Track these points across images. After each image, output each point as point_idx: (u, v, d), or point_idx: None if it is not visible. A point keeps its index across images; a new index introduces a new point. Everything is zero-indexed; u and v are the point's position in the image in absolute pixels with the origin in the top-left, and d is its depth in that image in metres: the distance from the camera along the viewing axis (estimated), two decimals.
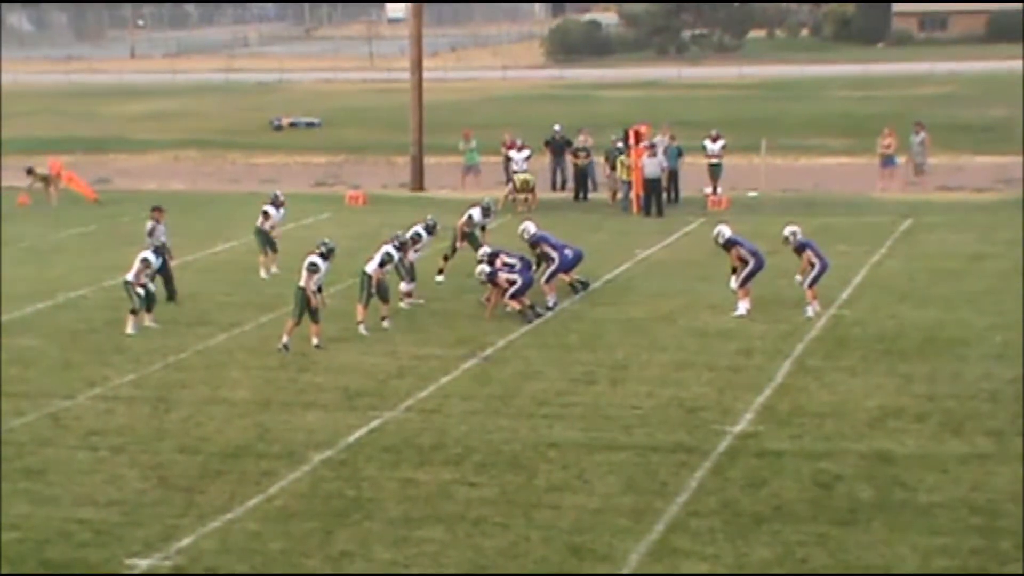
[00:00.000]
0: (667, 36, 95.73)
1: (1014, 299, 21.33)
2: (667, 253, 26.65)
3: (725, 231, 21.32)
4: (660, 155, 31.32)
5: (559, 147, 35.17)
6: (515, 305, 21.00)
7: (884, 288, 22.82)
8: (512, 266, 21.29)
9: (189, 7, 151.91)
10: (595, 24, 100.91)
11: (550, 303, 21.71)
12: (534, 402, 16.90)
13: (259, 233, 24.94)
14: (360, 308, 20.47)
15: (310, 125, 53.62)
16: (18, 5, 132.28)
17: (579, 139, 34.10)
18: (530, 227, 22.46)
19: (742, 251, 21.12)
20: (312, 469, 14.71)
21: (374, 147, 45.78)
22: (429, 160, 37.47)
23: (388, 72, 77.27)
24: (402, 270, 21.66)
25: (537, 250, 22.20)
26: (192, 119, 57.33)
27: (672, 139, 33.18)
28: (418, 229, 22.35)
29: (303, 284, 19.52)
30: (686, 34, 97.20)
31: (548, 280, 21.93)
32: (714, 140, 33.89)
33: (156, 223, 23.36)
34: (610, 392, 17.28)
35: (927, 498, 13.48)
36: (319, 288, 19.68)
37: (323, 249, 19.93)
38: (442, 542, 12.71)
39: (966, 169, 37.67)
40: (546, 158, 35.51)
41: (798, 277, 21.35)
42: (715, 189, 33.43)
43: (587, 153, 33.88)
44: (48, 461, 15.11)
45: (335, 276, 21.36)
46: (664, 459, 14.73)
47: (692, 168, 34.00)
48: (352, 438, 15.69)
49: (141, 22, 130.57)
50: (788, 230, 21.28)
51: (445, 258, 23.88)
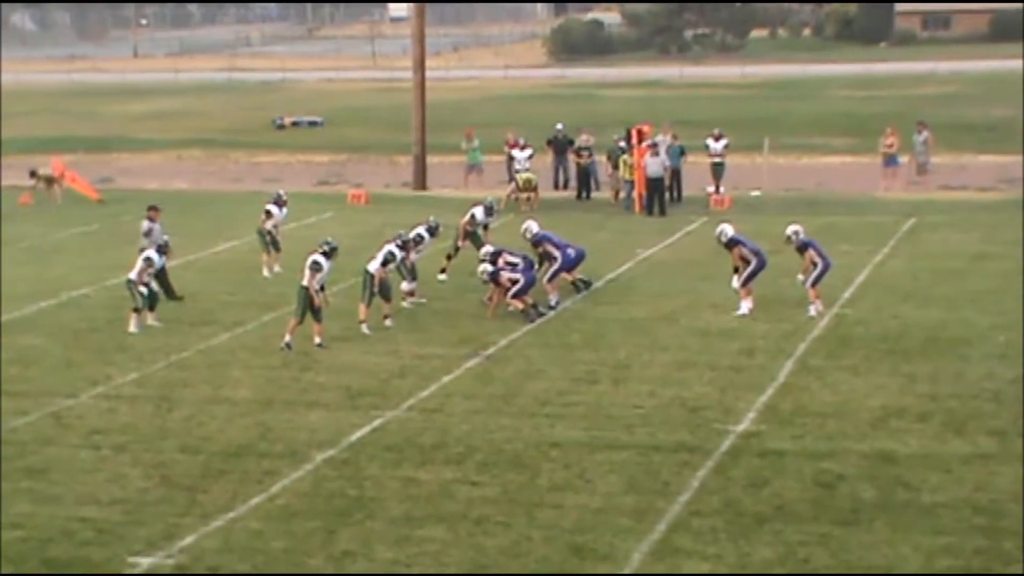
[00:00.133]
0: (669, 36, 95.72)
1: (1017, 299, 21.30)
2: (669, 252, 26.64)
3: (728, 230, 21.32)
4: (663, 154, 31.31)
5: (561, 146, 35.18)
6: (517, 304, 21.00)
7: (887, 288, 22.80)
8: (515, 265, 21.29)
9: (192, 7, 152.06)
10: (597, 24, 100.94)
11: (552, 302, 21.70)
12: (536, 401, 16.89)
13: (262, 232, 24.95)
14: (362, 307, 20.47)
15: (313, 124, 53.63)
16: (21, 5, 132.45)
17: (582, 138, 34.11)
18: (532, 226, 22.46)
19: (744, 251, 21.12)
20: (314, 468, 14.70)
21: (376, 146, 45.78)
22: (431, 159, 37.48)
23: (390, 71, 77.25)
24: (404, 270, 21.67)
25: (540, 249, 22.20)
26: (195, 118, 57.35)
27: (674, 138, 33.17)
28: (420, 231, 22.34)
29: (306, 283, 19.52)
30: (688, 33, 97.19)
31: (551, 279, 21.93)
32: (717, 139, 33.87)
33: (152, 222, 23.30)
34: (612, 391, 17.27)
35: (930, 498, 13.47)
36: (321, 287, 19.68)
37: (326, 248, 19.93)
38: (444, 541, 12.71)
39: (969, 169, 37.64)
40: (548, 157, 35.52)
41: (800, 276, 21.35)
42: (718, 188, 33.42)
43: (589, 152, 33.88)
44: (50, 460, 15.12)
45: (337, 275, 21.37)
46: (666, 459, 14.73)
47: (695, 167, 33.98)
48: (354, 437, 15.69)
49: (144, 21, 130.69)
50: (790, 229, 21.28)
51: (448, 257, 23.88)
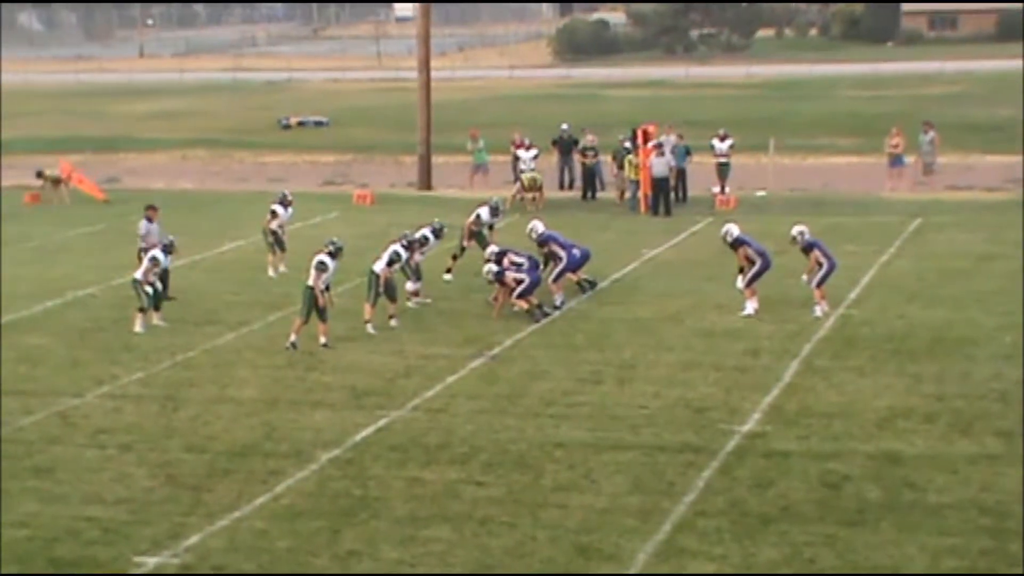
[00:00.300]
0: (675, 35, 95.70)
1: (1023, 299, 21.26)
2: (674, 253, 26.62)
3: (733, 230, 21.31)
4: (668, 154, 31.29)
5: (567, 146, 35.18)
6: (522, 304, 20.99)
7: (893, 288, 22.77)
8: (520, 265, 21.28)
9: (198, 7, 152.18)
10: (603, 23, 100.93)
11: (557, 302, 21.69)
12: (541, 402, 16.89)
13: (267, 232, 24.96)
14: (368, 307, 20.47)
15: (318, 124, 53.66)
16: (28, 5, 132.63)
17: (587, 138, 34.10)
18: (538, 226, 22.45)
19: (749, 251, 21.10)
20: (319, 468, 14.71)
21: (382, 146, 45.80)
22: (437, 159, 37.48)
23: (396, 71, 77.30)
24: (408, 270, 21.68)
25: (545, 249, 22.19)
26: (200, 118, 57.40)
27: (680, 138, 33.16)
28: (425, 232, 22.32)
29: (311, 283, 19.53)
30: (694, 33, 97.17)
31: (556, 279, 21.92)
32: (722, 139, 33.84)
33: (149, 222, 23.08)
34: (617, 392, 17.26)
35: (936, 499, 13.44)
36: (327, 287, 19.69)
37: (332, 248, 19.94)
38: (449, 541, 12.71)
39: (975, 169, 37.59)
40: (554, 157, 35.50)
41: (804, 277, 21.32)
42: (723, 188, 33.39)
43: (594, 152, 33.87)
44: (56, 459, 15.13)
45: (343, 275, 21.37)
46: (671, 459, 14.72)
47: (700, 167, 33.96)
48: (359, 437, 15.69)
49: (150, 22, 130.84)
50: (796, 230, 21.25)
51: (454, 257, 23.88)
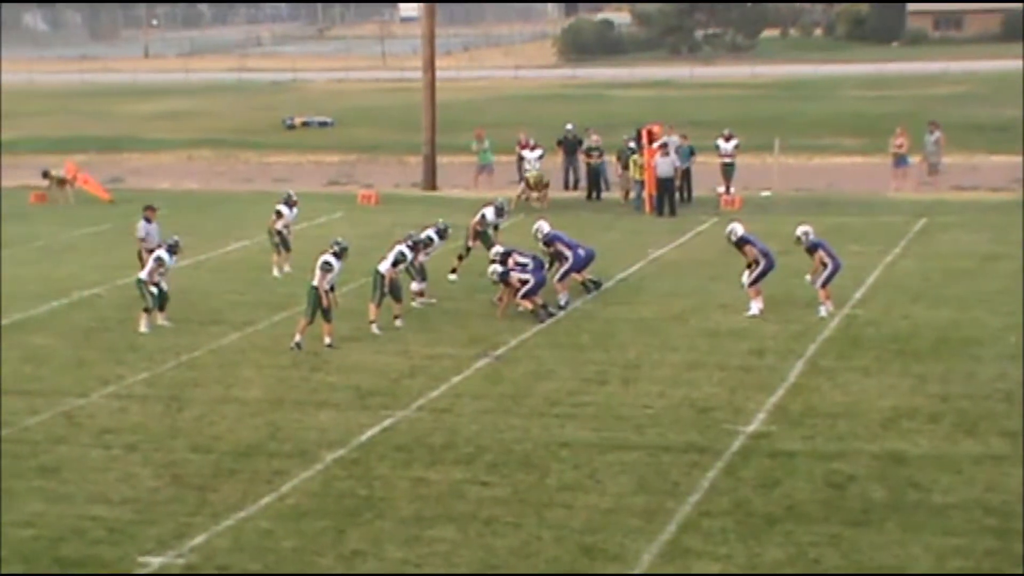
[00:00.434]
0: (680, 36, 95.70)
1: None
2: (679, 253, 26.61)
3: (738, 229, 21.30)
4: (672, 154, 31.29)
5: (571, 146, 35.18)
6: (527, 304, 21.00)
7: (898, 288, 22.76)
8: (524, 265, 21.28)
9: (203, 7, 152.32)
10: (608, 24, 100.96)
11: (562, 302, 21.70)
12: (546, 402, 16.89)
13: (272, 232, 24.97)
14: (373, 307, 20.48)
15: (323, 124, 53.69)
16: (33, 5, 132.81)
17: (591, 138, 34.11)
18: (544, 226, 22.45)
19: (753, 250, 21.10)
20: (324, 468, 14.72)
21: (387, 146, 45.81)
22: (441, 159, 37.47)
23: (401, 71, 77.36)
24: (413, 270, 21.69)
25: (551, 249, 22.19)
26: (205, 118, 57.44)
27: (684, 138, 33.16)
28: (430, 233, 22.32)
29: (316, 283, 19.54)
30: (699, 34, 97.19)
31: (561, 279, 21.93)
32: (727, 139, 33.83)
33: (148, 222, 23.00)
34: (622, 392, 17.26)
35: (941, 499, 13.44)
36: (331, 287, 19.70)
37: (337, 248, 19.95)
38: (454, 541, 12.71)
39: (981, 169, 37.55)
40: (558, 157, 35.51)
41: (808, 277, 21.31)
42: (728, 189, 33.38)
43: (599, 152, 33.88)
44: (62, 459, 15.15)
45: (347, 275, 21.37)
46: (676, 459, 14.71)
47: (705, 168, 33.95)
48: (364, 437, 15.70)
49: (155, 22, 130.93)
50: (800, 230, 21.25)
51: (460, 258, 23.89)
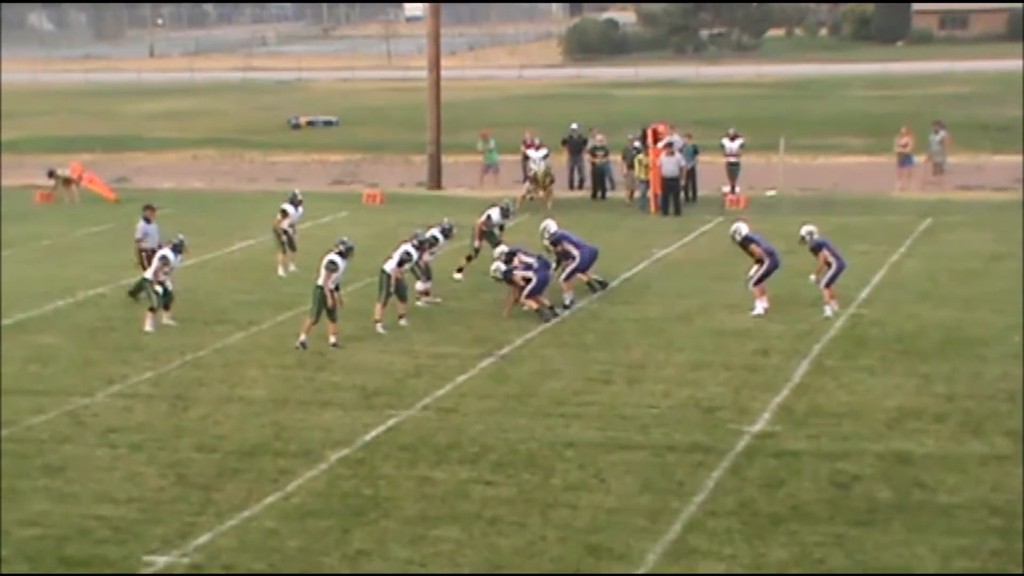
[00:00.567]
0: (685, 35, 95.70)
1: None
2: (684, 252, 26.60)
3: (743, 228, 21.29)
4: (677, 154, 31.28)
5: (576, 146, 35.19)
6: (531, 304, 20.99)
7: (903, 288, 22.74)
8: (529, 265, 21.27)
9: (208, 6, 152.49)
10: (613, 23, 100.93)
11: (567, 301, 21.69)
12: (551, 401, 16.89)
13: (277, 231, 24.98)
14: (379, 307, 20.48)
15: (328, 124, 53.73)
16: (38, 4, 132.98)
17: (596, 138, 34.11)
18: (551, 225, 22.42)
19: (759, 249, 21.09)
20: (329, 467, 14.72)
21: (391, 146, 45.83)
22: (446, 159, 37.50)
23: (406, 71, 77.36)
24: (418, 270, 21.69)
25: (559, 248, 22.18)
26: (210, 118, 57.49)
27: (688, 137, 33.15)
28: (435, 232, 22.32)
29: (321, 282, 19.54)
30: (704, 33, 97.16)
31: (567, 278, 21.92)
32: (732, 139, 33.82)
33: (147, 223, 22.91)
34: (627, 391, 17.25)
35: (946, 499, 13.42)
36: (336, 287, 19.70)
37: (342, 248, 19.95)
38: (458, 541, 12.71)
39: (986, 168, 37.52)
40: (563, 157, 35.51)
41: (812, 277, 21.30)
42: (733, 188, 33.38)
43: (604, 152, 33.88)
44: (67, 458, 15.17)
45: (352, 275, 21.39)
46: (681, 459, 14.71)
47: (710, 167, 33.94)
48: (369, 437, 15.70)
49: (160, 21, 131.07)
50: (805, 230, 21.25)
51: (468, 259, 23.87)
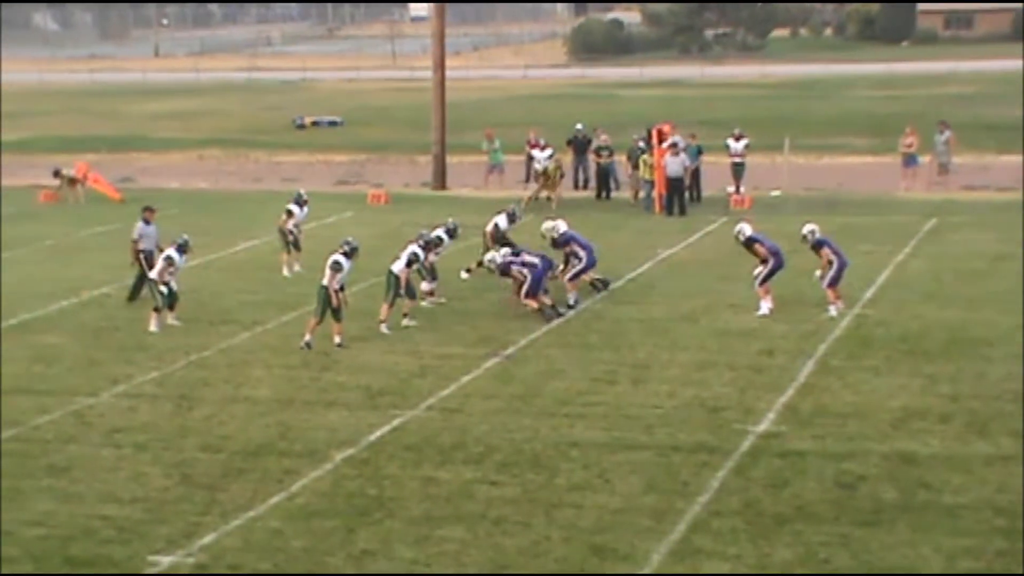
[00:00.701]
0: (690, 35, 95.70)
1: None
2: (689, 252, 26.59)
3: (746, 229, 21.29)
4: (682, 154, 31.26)
5: (581, 146, 35.19)
6: (531, 304, 20.97)
7: (908, 288, 22.72)
8: (528, 263, 21.20)
9: (213, 6, 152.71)
10: (617, 23, 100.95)
11: (571, 301, 21.68)
12: (556, 401, 16.89)
13: (282, 232, 24.99)
14: (385, 307, 20.47)
15: (332, 124, 53.75)
16: (43, 5, 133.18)
17: (601, 138, 34.10)
18: (560, 225, 22.36)
19: (763, 248, 21.09)
20: (334, 468, 14.73)
21: (396, 146, 45.84)
22: (451, 159, 37.50)
23: (410, 71, 77.42)
24: (423, 270, 21.68)
25: (566, 249, 22.15)
26: (215, 118, 57.53)
27: (692, 137, 33.15)
28: (440, 233, 22.31)
29: (326, 283, 19.55)
30: (709, 33, 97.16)
31: (573, 278, 21.90)
32: (737, 139, 33.80)
33: (146, 224, 22.78)
34: (632, 392, 17.25)
35: (951, 499, 13.41)
36: (341, 287, 19.71)
37: (347, 248, 19.96)
38: (463, 541, 12.72)
39: (991, 168, 37.47)
40: (568, 157, 35.50)
41: (817, 273, 21.31)
42: (738, 188, 33.37)
43: (609, 152, 33.88)
44: (72, 458, 15.18)
45: (357, 275, 21.39)
46: (686, 459, 14.71)
47: (715, 167, 33.92)
48: (374, 437, 15.71)
49: (165, 21, 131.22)
50: (806, 228, 21.29)
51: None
